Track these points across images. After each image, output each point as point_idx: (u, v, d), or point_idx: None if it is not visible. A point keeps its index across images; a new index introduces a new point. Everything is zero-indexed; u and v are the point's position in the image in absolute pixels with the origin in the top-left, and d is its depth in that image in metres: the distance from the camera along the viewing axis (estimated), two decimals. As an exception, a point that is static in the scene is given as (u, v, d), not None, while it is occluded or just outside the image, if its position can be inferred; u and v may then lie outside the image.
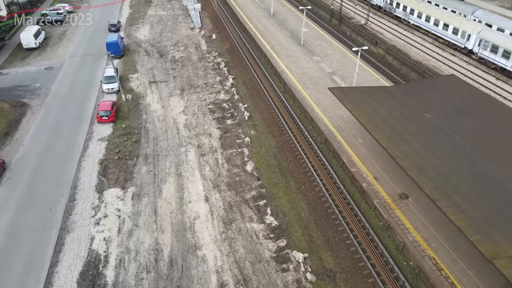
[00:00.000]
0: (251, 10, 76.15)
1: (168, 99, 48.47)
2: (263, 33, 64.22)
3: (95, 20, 75.64)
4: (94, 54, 60.25)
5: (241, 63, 57.01)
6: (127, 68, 56.04)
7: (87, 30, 70.48)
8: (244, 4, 79.88)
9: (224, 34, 68.06)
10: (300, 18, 71.73)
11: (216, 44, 64.67)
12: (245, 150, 39.05)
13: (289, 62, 53.60)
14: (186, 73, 55.07)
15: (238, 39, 64.51)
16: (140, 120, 44.18)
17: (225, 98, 48.50)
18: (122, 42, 61.54)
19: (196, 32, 70.62)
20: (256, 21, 69.82)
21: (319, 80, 48.63)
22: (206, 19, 77.09)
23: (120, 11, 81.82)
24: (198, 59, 59.58)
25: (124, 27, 72.30)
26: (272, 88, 48.96)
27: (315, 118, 41.13)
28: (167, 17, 78.13)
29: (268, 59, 55.74)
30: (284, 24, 68.31)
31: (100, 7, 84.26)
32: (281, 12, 74.61)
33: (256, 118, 44.14)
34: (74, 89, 50.03)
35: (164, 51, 62.31)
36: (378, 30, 68.45)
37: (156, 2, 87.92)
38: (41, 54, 60.19)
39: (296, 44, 59.78)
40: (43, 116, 44.26)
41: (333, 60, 54.25)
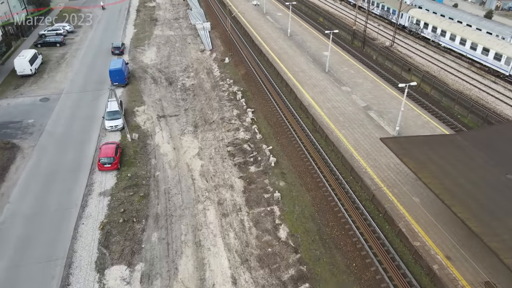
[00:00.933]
0: (266, 30, 69.95)
1: (180, 138, 41.82)
2: (281, 57, 57.83)
3: (97, 41, 69.44)
4: (95, 81, 53.81)
5: (260, 92, 50.48)
6: (133, 99, 49.48)
7: (89, 53, 64.17)
8: (257, 23, 73.72)
9: (238, 57, 61.70)
10: (319, 39, 65.45)
11: (230, 70, 58.24)
12: (276, 209, 32.24)
13: (315, 93, 47.04)
14: (199, 105, 48.52)
15: (254, 64, 58.11)
16: (148, 166, 37.46)
17: (246, 137, 41.84)
18: (127, 68, 55.12)
19: (207, 55, 64.29)
20: (272, 43, 63.51)
21: (353, 117, 42.00)
22: (217, 40, 70.85)
23: (124, 30, 75.66)
24: (211, 87, 53.09)
25: (129, 50, 66.00)
26: (299, 126, 42.33)
27: (356, 167, 34.39)
28: (175, 37, 71.91)
29: (290, 88, 49.23)
30: (303, 47, 61.97)
31: (103, 25, 78.16)
32: (299, 33, 68.36)
33: (284, 165, 37.42)
34: (72, 126, 43.40)
35: (173, 77, 55.85)
36: (406, 53, 62.07)
37: (162, 21, 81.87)
38: (37, 82, 53.70)
39: (320, 70, 53.29)
40: (35, 162, 37.53)
41: (365, 91, 47.70)
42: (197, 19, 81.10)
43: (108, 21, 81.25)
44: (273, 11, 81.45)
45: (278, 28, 71.19)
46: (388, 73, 54.55)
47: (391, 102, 44.90)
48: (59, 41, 66.61)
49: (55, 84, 53.12)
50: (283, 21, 75.14)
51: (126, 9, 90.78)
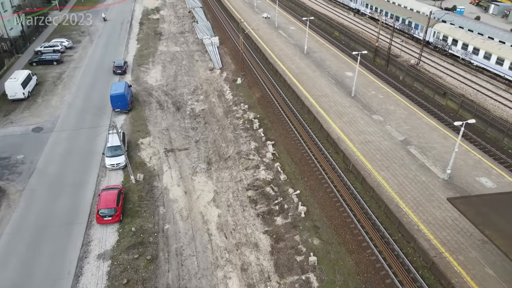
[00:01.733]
0: (280, 46, 64.30)
1: (191, 179, 35.93)
2: (300, 78, 52.08)
3: (97, 58, 63.80)
4: (95, 106, 48.04)
5: (280, 121, 44.67)
6: (137, 129, 43.64)
7: (88, 72, 58.46)
8: (269, 38, 68.11)
9: (252, 78, 55.97)
10: (339, 56, 59.77)
11: (244, 92, 52.48)
12: (312, 277, 26.28)
13: (343, 124, 41.22)
14: (211, 135, 42.70)
15: (270, 86, 52.37)
16: (156, 217, 31.54)
17: (268, 177, 35.96)
18: (130, 92, 49.35)
19: (216, 74, 58.60)
20: (288, 62, 57.81)
21: (392, 154, 36.13)
22: (227, 56, 65.21)
23: (127, 46, 70.05)
24: (223, 113, 47.31)
25: (132, 68, 60.30)
26: (328, 163, 36.47)
27: (406, 222, 28.48)
28: (181, 54, 66.27)
29: (314, 116, 43.44)
30: (323, 66, 56.25)
31: (104, 40, 72.58)
32: (315, 49, 62.70)
33: (317, 215, 31.50)
34: (67, 164, 37.52)
35: (181, 101, 50.08)
36: (434, 73, 56.40)
37: (167, 35, 76.30)
38: (30, 108, 47.92)
39: (345, 95, 47.51)
40: (21, 213, 31.59)
41: (399, 120, 41.87)
42: (204, 33, 75.59)
43: (109, 35, 75.70)
44: (285, 25, 75.95)
45: (292, 44, 65.54)
46: (420, 97, 48.77)
47: (431, 134, 39.05)
48: (56, 59, 60.93)
49: (50, 110, 47.32)
50: (297, 36, 69.55)
51: (128, 21, 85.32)
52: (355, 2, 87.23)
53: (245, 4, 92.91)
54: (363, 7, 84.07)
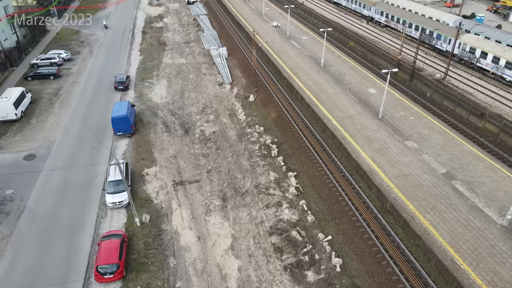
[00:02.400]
0: (293, 58, 59.54)
1: (205, 220, 31.09)
2: (319, 96, 47.28)
3: (97, 71, 59.07)
4: (95, 128, 43.27)
5: (300, 146, 39.87)
6: (141, 157, 38.80)
7: (87, 88, 53.69)
8: (282, 50, 63.34)
9: (265, 94, 51.19)
10: (358, 70, 54.96)
11: (257, 111, 47.70)
12: None
13: (374, 152, 36.40)
14: (225, 164, 37.88)
15: (286, 104, 47.58)
16: (165, 271, 26.68)
17: (292, 218, 31.12)
18: (133, 112, 44.58)
19: (226, 89, 53.82)
20: (304, 76, 53.03)
21: (435, 191, 31.27)
22: (236, 69, 60.48)
23: (129, 58, 65.32)
24: (237, 136, 42.52)
25: (135, 83, 55.52)
26: (361, 201, 31.66)
27: (468, 285, 23.62)
28: (187, 66, 61.50)
29: (339, 142, 38.64)
30: (342, 82, 51.46)
31: (105, 50, 67.88)
32: (332, 62, 57.91)
33: (355, 270, 26.63)
34: (62, 201, 32.66)
35: (190, 122, 45.28)
36: (463, 88, 51.65)
37: (172, 45, 71.58)
38: (23, 130, 43.13)
39: (372, 116, 42.71)
40: (6, 269, 26.71)
41: (437, 147, 37.02)
42: (211, 43, 70.92)
43: (110, 45, 71.00)
44: (297, 35, 71.23)
45: (307, 56, 60.76)
46: (452, 118, 44.02)
47: (477, 166, 34.21)
48: (53, 73, 56.15)
49: (45, 134, 42.50)
50: (311, 46, 64.83)
51: (130, 30, 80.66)
52: (368, 10, 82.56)
53: (253, 12, 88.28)
54: (378, 15, 79.39)
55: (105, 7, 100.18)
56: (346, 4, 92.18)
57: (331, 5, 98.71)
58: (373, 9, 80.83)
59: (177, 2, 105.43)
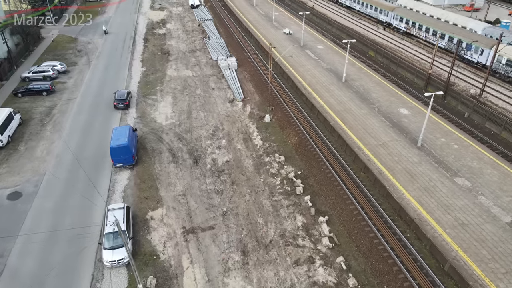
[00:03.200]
0: (311, 72, 53.78)
1: (223, 283, 25.45)
2: (345, 119, 41.59)
3: (95, 85, 53.39)
4: (91, 157, 37.65)
5: (329, 181, 34.17)
6: (144, 195, 33.12)
7: (84, 106, 48.02)
8: (297, 61, 57.54)
9: (282, 114, 45.49)
10: (384, 86, 49.16)
11: (275, 135, 42.02)
12: None
13: (419, 192, 30.71)
14: (242, 204, 32.23)
15: (307, 127, 41.88)
16: None
17: (329, 281, 25.45)
18: (135, 138, 38.90)
19: (238, 107, 48.14)
20: (325, 93, 47.31)
21: (504, 249, 25.50)
22: (248, 83, 54.77)
23: (130, 69, 59.58)
24: (254, 167, 36.87)
25: (136, 100, 49.81)
26: (411, 258, 25.97)
27: None
28: (194, 80, 55.76)
29: (374, 177, 32.98)
30: (368, 100, 45.72)
31: (104, 61, 62.18)
32: (354, 76, 52.15)
33: None
34: (50, 258, 26.98)
35: (199, 149, 39.61)
36: (503, 107, 45.99)
37: (176, 55, 65.85)
38: (8, 160, 37.48)
39: (409, 144, 36.97)
40: None
41: (493, 185, 31.28)
42: (218, 52, 65.21)
43: (109, 55, 65.27)
44: (311, 43, 65.45)
45: (325, 69, 55.00)
46: (501, 144, 38.32)
47: (546, 212, 28.58)
48: (46, 88, 50.43)
49: (34, 165, 36.85)
50: (328, 57, 59.07)
51: (131, 37, 74.91)
52: (385, 15, 76.73)
53: (261, 17, 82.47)
54: (396, 21, 73.59)
55: (105, 11, 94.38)
56: (360, 9, 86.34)
57: (343, 9, 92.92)
58: (391, 14, 75.01)
59: (180, 6, 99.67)
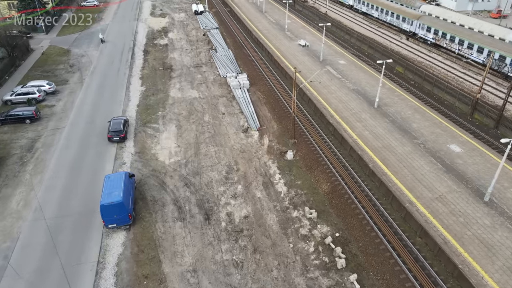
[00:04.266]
0: (336, 94, 46.24)
1: None
2: (385, 159, 34.08)
3: (87, 110, 46.01)
4: (78, 214, 30.17)
5: (377, 249, 26.68)
6: (143, 273, 25.55)
7: (73, 138, 40.60)
8: (320, 81, 50.13)
9: (307, 149, 37.99)
10: (426, 114, 41.55)
11: (301, 177, 34.56)
12: None
13: (506, 277, 23.27)
14: (269, 283, 24.80)
15: (339, 168, 34.39)
16: None
17: None
18: (132, 186, 31.43)
19: (254, 139, 40.70)
20: (356, 123, 39.84)
21: None
22: (263, 107, 47.31)
23: (128, 89, 52.10)
24: (279, 224, 29.44)
25: (134, 129, 42.33)
26: None
27: None
28: (201, 103, 48.25)
29: (437, 247, 25.55)
30: (409, 132, 38.23)
31: (99, 78, 54.74)
32: (387, 100, 44.55)
33: None
34: None
35: (211, 199, 32.13)
36: None
37: (180, 70, 58.37)
38: (-24, 216, 30.07)
39: (474, 198, 29.37)
40: None
41: None
42: (226, 67, 57.76)
43: (105, 70, 57.77)
44: (332, 57, 57.92)
45: (352, 90, 47.49)
46: None
47: None
48: (30, 115, 42.97)
49: (6, 224, 29.38)
50: (353, 75, 51.55)
51: (130, 49, 67.42)
52: (409, 24, 69.16)
53: (272, 25, 74.93)
54: (423, 31, 66.04)
55: (101, 18, 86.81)
56: (378, 16, 78.75)
57: (358, 16, 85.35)
58: (415, 23, 67.48)
59: (182, 12, 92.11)
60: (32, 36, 72.01)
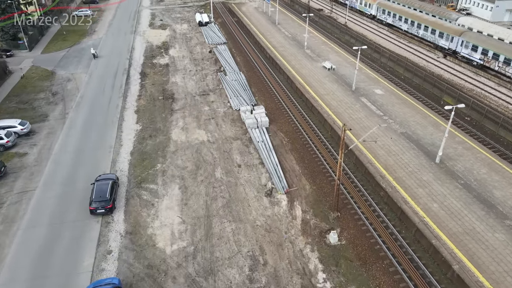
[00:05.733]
0: (380, 140, 36.12)
1: None
2: (475, 258, 24.15)
3: (67, 162, 35.78)
4: None
5: None
6: None
7: (44, 206, 30.57)
8: (354, 119, 40.01)
9: (356, 228, 27.91)
10: (505, 172, 31.41)
11: (355, 279, 24.46)
12: None
13: None
14: None
15: (406, 264, 24.45)
16: None
17: None
18: None
19: (282, 208, 30.61)
20: (417, 189, 29.74)
21: None
22: (288, 155, 37.23)
23: (120, 128, 42.05)
24: None
25: (126, 194, 32.19)
26: None
27: None
28: (210, 149, 38.13)
29: None
30: (492, 203, 28.16)
31: (85, 113, 44.79)
32: (450, 151, 34.44)
33: None
34: None
35: (230, 320, 22.23)
36: None
37: (183, 100, 48.29)
38: None
39: None
40: None
41: None
42: (239, 97, 47.71)
43: (94, 101, 47.73)
44: (366, 85, 47.80)
45: (401, 134, 37.33)
46: None
47: None
48: (-9, 173, 33.05)
49: None
50: (396, 110, 41.47)
51: (125, 70, 57.36)
52: (449, 40, 58.92)
53: (288, 40, 64.74)
54: (467, 50, 55.78)
55: (94, 31, 76.60)
56: (408, 29, 68.45)
57: (382, 28, 75.06)
58: (457, 40, 57.23)
59: (185, 23, 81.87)
60: (13, 54, 61.96)
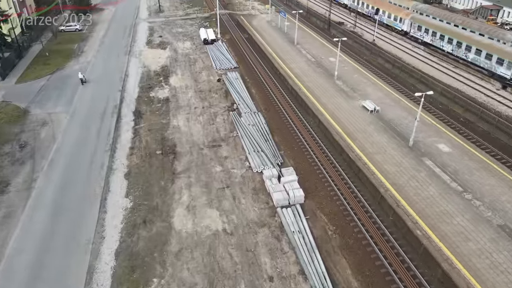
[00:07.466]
0: (464, 234, 24.83)
1: None
2: None
3: (26, 271, 24.36)
4: None
5: None
6: None
7: None
8: (414, 189, 28.70)
9: None
10: None
11: None
12: None
13: None
14: None
15: None
16: None
17: None
18: None
19: None
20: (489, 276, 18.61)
21: None
22: (338, 256, 25.78)
23: (103, 205, 30.56)
24: None
25: None
26: None
27: None
28: (228, 246, 26.56)
29: None
30: None
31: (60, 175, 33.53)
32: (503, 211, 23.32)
33: None
34: None
35: None
36: None
37: (188, 156, 36.77)
38: None
39: None
40: None
41: None
42: (260, 152, 36.20)
43: (72, 159, 36.24)
44: (426, 138, 36.23)
45: (498, 229, 26.03)
46: None
47: None
48: None
49: None
50: (478, 181, 29.87)
51: (115, 107, 46.01)
52: (508, 68, 47.44)
53: (313, 68, 53.20)
54: (503, 69, 44.43)
55: (82, 51, 65.16)
56: (453, 51, 56.91)
57: (417, 46, 63.63)
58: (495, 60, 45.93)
59: (188, 40, 70.32)
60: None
